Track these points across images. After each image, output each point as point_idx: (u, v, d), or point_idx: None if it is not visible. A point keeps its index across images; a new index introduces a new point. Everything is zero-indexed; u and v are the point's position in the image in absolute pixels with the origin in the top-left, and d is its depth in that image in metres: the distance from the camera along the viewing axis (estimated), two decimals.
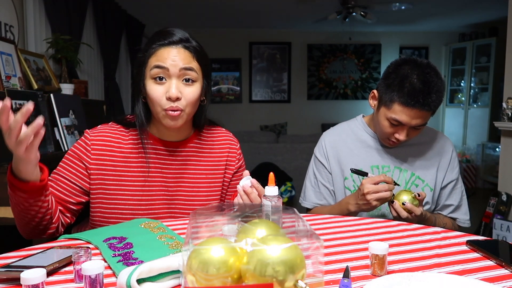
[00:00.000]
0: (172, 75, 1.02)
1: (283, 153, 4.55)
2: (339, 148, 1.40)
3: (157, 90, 1.01)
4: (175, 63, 1.01)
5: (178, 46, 1.03)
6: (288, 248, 0.52)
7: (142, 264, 0.65)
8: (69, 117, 2.33)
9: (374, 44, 6.35)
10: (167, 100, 1.01)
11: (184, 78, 1.03)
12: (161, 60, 1.01)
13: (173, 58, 1.01)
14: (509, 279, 0.72)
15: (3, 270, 0.70)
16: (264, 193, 0.83)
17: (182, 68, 1.02)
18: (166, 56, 1.01)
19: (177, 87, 1.01)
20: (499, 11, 4.78)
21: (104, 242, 0.87)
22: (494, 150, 5.14)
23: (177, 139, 1.14)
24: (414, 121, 1.19)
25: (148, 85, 1.03)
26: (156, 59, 1.02)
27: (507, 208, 3.11)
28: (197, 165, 1.17)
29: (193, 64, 1.04)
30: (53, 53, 2.73)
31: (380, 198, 1.17)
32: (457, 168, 1.38)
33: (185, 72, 1.02)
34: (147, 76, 1.03)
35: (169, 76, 1.02)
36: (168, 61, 1.01)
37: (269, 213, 0.81)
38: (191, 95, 1.04)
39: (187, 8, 4.79)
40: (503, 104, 3.00)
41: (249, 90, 6.37)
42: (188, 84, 1.04)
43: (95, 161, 1.08)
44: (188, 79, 1.03)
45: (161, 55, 1.02)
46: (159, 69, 1.01)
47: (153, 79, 1.02)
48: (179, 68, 1.01)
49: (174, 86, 1.01)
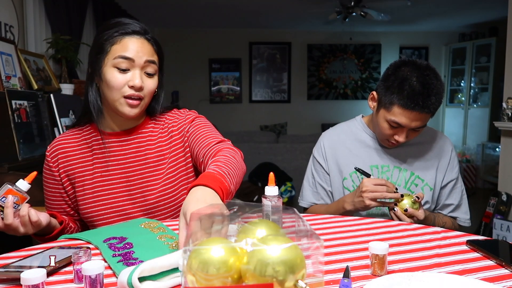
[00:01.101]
0: (136, 66, 1.03)
1: (283, 153, 4.56)
2: (337, 148, 1.40)
3: (119, 78, 1.01)
4: (140, 54, 1.02)
5: (142, 37, 1.04)
6: (288, 248, 0.52)
7: (144, 263, 0.65)
8: (69, 117, 2.33)
9: (374, 44, 6.35)
10: (130, 88, 1.02)
11: (146, 71, 1.05)
12: (126, 50, 1.01)
13: (138, 49, 1.02)
14: (509, 279, 0.72)
15: (3, 270, 0.70)
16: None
17: (146, 61, 1.03)
18: (131, 47, 1.02)
19: (140, 77, 1.03)
20: (499, 11, 4.78)
21: (104, 242, 0.87)
22: (494, 150, 5.14)
23: (128, 127, 1.13)
24: (414, 123, 1.19)
25: (108, 72, 1.02)
26: (121, 49, 1.01)
27: (507, 208, 3.11)
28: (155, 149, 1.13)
29: (154, 57, 1.06)
30: (53, 53, 2.73)
31: (375, 198, 1.17)
32: (456, 167, 1.39)
33: (149, 64, 1.04)
34: (108, 63, 1.02)
35: (133, 67, 1.03)
36: (133, 52, 1.01)
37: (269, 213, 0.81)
38: (151, 86, 1.07)
39: (187, 8, 4.79)
40: (503, 104, 3.00)
41: (249, 90, 6.37)
42: (149, 76, 1.06)
43: (61, 173, 1.12)
44: (149, 72, 1.05)
45: (126, 45, 1.02)
46: (124, 59, 1.01)
47: (115, 67, 1.02)
48: (144, 60, 1.03)
49: (138, 77, 1.02)
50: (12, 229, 0.92)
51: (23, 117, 1.91)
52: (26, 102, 1.95)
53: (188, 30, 6.03)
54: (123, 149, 1.12)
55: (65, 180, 1.12)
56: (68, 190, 1.12)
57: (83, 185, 1.10)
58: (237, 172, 0.93)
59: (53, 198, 1.14)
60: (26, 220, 0.92)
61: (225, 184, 0.83)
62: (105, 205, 1.09)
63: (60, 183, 1.12)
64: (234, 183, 0.88)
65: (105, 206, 1.09)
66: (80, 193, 1.10)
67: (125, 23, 1.04)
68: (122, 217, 1.09)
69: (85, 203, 1.09)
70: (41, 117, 2.05)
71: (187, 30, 6.01)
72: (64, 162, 1.11)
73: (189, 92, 6.10)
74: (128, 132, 1.13)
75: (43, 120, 2.07)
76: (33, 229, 0.95)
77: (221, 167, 0.88)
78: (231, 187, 0.85)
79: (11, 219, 0.90)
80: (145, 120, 1.16)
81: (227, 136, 1.14)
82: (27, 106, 1.96)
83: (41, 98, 2.09)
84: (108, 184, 1.10)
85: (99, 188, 1.10)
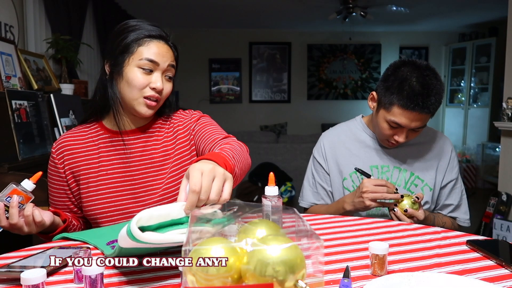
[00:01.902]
0: (159, 69, 1.07)
1: (283, 153, 4.55)
2: (337, 148, 1.40)
3: (142, 78, 1.05)
4: (165, 59, 1.07)
5: (166, 43, 1.09)
6: (288, 248, 0.52)
7: (141, 211, 0.65)
8: (69, 117, 2.33)
9: (374, 44, 6.35)
10: (151, 90, 1.06)
11: (167, 75, 1.09)
12: (153, 54, 1.05)
13: (164, 54, 1.07)
14: (509, 279, 0.72)
15: (3, 270, 0.70)
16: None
17: (169, 65, 1.08)
18: (158, 51, 1.06)
19: (161, 80, 1.07)
20: (499, 11, 4.78)
21: (107, 245, 0.86)
22: (494, 150, 5.14)
23: (136, 126, 1.15)
24: (414, 124, 1.19)
25: (131, 71, 1.05)
26: (148, 51, 1.05)
27: (507, 208, 3.11)
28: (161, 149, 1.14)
29: (174, 62, 1.11)
30: (53, 53, 2.73)
31: (375, 199, 1.17)
32: (456, 167, 1.39)
33: (170, 69, 1.09)
34: (132, 63, 1.05)
35: (156, 69, 1.06)
36: (159, 57, 1.06)
37: (269, 213, 0.81)
38: (169, 90, 1.11)
39: (187, 8, 4.79)
40: (503, 104, 3.00)
41: (249, 90, 6.37)
42: (169, 80, 1.11)
43: (66, 170, 1.12)
44: (170, 76, 1.10)
45: (153, 48, 1.06)
46: (150, 62, 1.04)
47: (140, 68, 1.05)
48: (167, 64, 1.07)
49: (160, 79, 1.07)
50: (16, 229, 0.93)
51: (23, 117, 1.91)
52: (26, 102, 1.95)
53: (188, 30, 6.03)
54: (130, 147, 1.13)
55: (70, 177, 1.12)
56: (72, 187, 1.13)
57: (87, 183, 1.10)
58: (241, 158, 0.94)
59: (57, 195, 1.14)
60: (30, 220, 0.93)
61: (229, 162, 0.84)
62: (109, 203, 1.09)
63: (65, 180, 1.12)
64: (238, 167, 0.89)
65: (109, 204, 1.09)
66: (84, 191, 1.11)
67: (150, 27, 1.08)
68: (126, 215, 1.09)
69: (88, 201, 1.10)
70: (41, 117, 2.05)
71: (187, 30, 6.01)
72: (70, 159, 1.12)
73: (189, 92, 6.10)
74: (135, 131, 1.14)
75: (43, 120, 2.07)
76: (36, 229, 0.96)
77: (226, 150, 0.91)
78: (235, 167, 0.86)
79: (16, 219, 0.90)
80: (153, 120, 1.18)
81: None
82: (27, 106, 1.96)
83: (41, 98, 2.09)
84: (112, 182, 1.10)
85: (104, 186, 1.10)
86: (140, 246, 0.63)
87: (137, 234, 0.60)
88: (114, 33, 1.08)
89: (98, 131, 1.15)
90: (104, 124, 1.15)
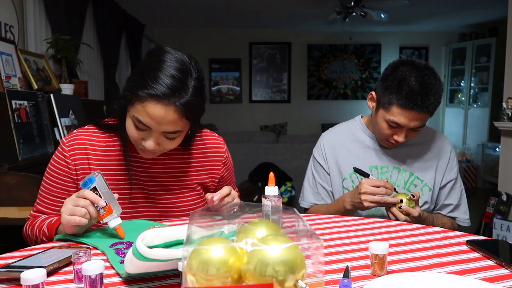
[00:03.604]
0: (154, 131, 0.94)
1: (283, 153, 4.55)
2: (337, 149, 1.40)
3: (135, 132, 0.96)
4: (159, 126, 0.92)
5: (169, 103, 0.89)
6: (288, 248, 0.52)
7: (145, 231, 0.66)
8: (69, 117, 2.33)
9: (374, 44, 6.35)
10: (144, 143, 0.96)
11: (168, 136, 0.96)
12: (145, 117, 0.91)
13: (159, 119, 0.90)
14: (509, 279, 0.72)
15: (3, 270, 0.70)
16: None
17: (164, 132, 0.94)
18: (152, 115, 0.89)
19: (156, 141, 0.96)
20: (499, 11, 4.78)
21: (110, 247, 0.85)
22: (494, 150, 5.14)
23: None
24: (413, 123, 1.19)
25: (128, 121, 0.97)
26: (141, 112, 0.91)
27: (507, 208, 3.11)
28: (179, 173, 1.13)
29: (179, 125, 0.94)
30: (53, 53, 2.73)
31: (374, 201, 1.17)
32: (456, 167, 1.38)
33: (167, 134, 0.96)
34: (130, 112, 0.95)
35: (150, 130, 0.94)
36: (151, 122, 0.91)
37: (269, 213, 0.81)
38: (171, 146, 1.00)
39: (187, 8, 4.79)
40: (503, 104, 3.00)
41: (249, 90, 6.37)
42: (169, 139, 0.97)
43: (78, 170, 1.05)
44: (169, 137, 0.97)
45: (147, 111, 0.90)
46: (141, 124, 0.93)
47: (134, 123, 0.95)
48: (162, 130, 0.93)
49: (153, 141, 0.95)
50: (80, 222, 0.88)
51: (23, 117, 1.91)
52: (26, 102, 1.95)
53: (188, 30, 6.03)
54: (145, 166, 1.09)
55: (80, 178, 1.05)
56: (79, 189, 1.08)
57: None
58: None
59: (56, 195, 1.06)
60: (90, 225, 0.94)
61: None
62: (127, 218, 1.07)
63: (71, 180, 1.06)
64: None
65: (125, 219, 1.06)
66: None
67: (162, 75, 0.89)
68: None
69: None
70: (41, 117, 2.05)
71: (187, 30, 6.01)
72: (82, 159, 1.05)
73: None
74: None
75: (43, 120, 2.07)
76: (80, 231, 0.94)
77: None
78: None
79: (95, 215, 0.90)
80: None
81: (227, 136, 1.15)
82: (27, 106, 1.96)
83: (41, 98, 2.09)
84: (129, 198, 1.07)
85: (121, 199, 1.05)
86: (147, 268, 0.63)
87: (144, 251, 0.60)
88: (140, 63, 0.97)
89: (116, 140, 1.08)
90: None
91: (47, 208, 1.06)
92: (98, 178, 0.91)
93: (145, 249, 0.61)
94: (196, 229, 0.61)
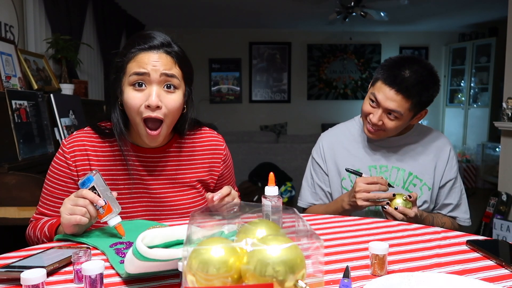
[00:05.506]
0: (152, 81, 0.96)
1: (283, 153, 4.55)
2: (336, 149, 1.40)
3: (136, 98, 0.96)
4: (156, 68, 0.95)
5: (159, 51, 0.97)
6: (288, 248, 0.52)
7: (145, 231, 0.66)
8: (69, 117, 2.33)
9: (374, 44, 6.35)
10: (146, 109, 0.96)
11: (166, 84, 0.98)
12: (141, 66, 0.95)
13: (154, 63, 0.96)
14: (509, 279, 0.72)
15: (3, 270, 0.70)
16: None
17: (163, 74, 0.96)
18: (146, 61, 0.95)
19: (157, 94, 0.96)
20: (499, 11, 4.78)
21: (110, 247, 0.85)
22: (494, 150, 5.14)
23: (156, 146, 1.09)
24: (388, 103, 1.21)
25: (126, 92, 0.98)
26: (136, 65, 0.96)
27: (507, 208, 3.11)
28: (179, 170, 1.13)
29: (174, 70, 0.98)
30: (53, 53, 2.73)
31: (368, 198, 1.18)
32: (455, 167, 1.38)
33: (166, 78, 0.97)
34: (125, 82, 0.98)
35: (150, 82, 0.96)
36: (148, 66, 0.95)
37: (269, 213, 0.81)
38: (173, 103, 0.99)
39: (187, 8, 4.79)
40: (503, 104, 3.00)
41: (249, 90, 6.36)
42: (169, 91, 0.98)
43: (79, 171, 1.05)
44: (169, 85, 0.98)
45: (141, 60, 0.96)
46: (138, 75, 0.95)
47: (132, 85, 0.97)
48: (160, 73, 0.96)
49: (155, 94, 0.95)
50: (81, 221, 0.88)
51: (23, 117, 1.91)
52: (26, 102, 1.95)
53: (188, 30, 6.02)
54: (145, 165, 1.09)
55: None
56: None
57: None
58: None
59: (58, 197, 1.05)
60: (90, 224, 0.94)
61: None
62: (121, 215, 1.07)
63: (73, 181, 1.05)
64: None
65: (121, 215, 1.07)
66: None
67: (144, 37, 0.98)
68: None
69: None
70: (41, 117, 2.05)
71: (187, 30, 6.01)
72: (84, 159, 1.05)
73: None
74: (154, 150, 1.10)
75: (43, 120, 2.07)
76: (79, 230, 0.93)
77: None
78: None
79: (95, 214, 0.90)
80: (173, 139, 1.13)
81: (227, 136, 1.15)
82: (27, 106, 1.96)
83: (41, 98, 2.09)
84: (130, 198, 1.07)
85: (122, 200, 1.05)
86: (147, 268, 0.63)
87: (144, 251, 0.61)
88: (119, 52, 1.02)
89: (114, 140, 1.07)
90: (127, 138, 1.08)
91: (50, 210, 1.06)
92: (96, 177, 0.91)
93: (145, 249, 0.61)
94: (196, 229, 0.61)
